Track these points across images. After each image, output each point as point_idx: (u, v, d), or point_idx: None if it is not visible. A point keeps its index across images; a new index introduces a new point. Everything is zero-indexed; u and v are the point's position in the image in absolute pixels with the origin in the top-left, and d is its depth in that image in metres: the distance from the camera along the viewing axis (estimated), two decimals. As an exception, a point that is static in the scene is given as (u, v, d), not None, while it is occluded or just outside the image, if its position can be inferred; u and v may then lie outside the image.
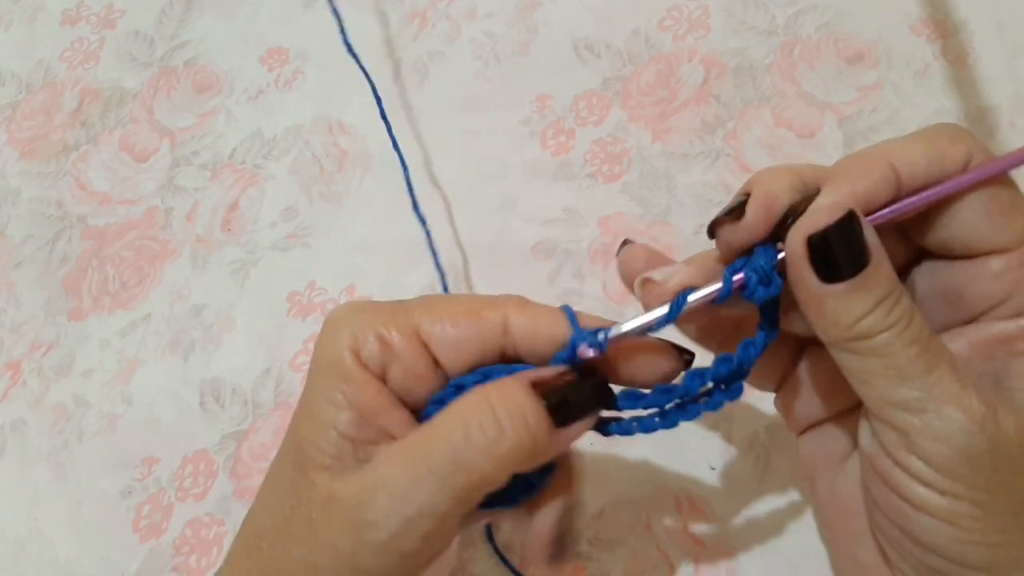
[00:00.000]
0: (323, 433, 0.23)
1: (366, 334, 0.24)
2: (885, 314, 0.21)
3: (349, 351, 0.24)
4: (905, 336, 0.21)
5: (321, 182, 0.46)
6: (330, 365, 0.24)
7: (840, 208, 0.21)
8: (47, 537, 0.40)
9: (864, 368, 0.22)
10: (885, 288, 0.21)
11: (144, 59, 0.52)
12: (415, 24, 0.49)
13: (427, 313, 0.24)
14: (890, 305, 0.21)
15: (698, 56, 0.44)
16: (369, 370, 0.24)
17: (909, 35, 0.42)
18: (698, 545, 0.34)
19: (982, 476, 0.21)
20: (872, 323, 0.21)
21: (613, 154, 0.43)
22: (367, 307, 0.25)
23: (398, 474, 0.22)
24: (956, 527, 0.21)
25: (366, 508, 0.22)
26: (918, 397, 0.21)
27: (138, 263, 0.46)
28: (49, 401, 0.43)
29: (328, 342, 0.24)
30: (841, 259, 0.21)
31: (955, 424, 0.21)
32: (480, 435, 0.22)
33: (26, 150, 0.50)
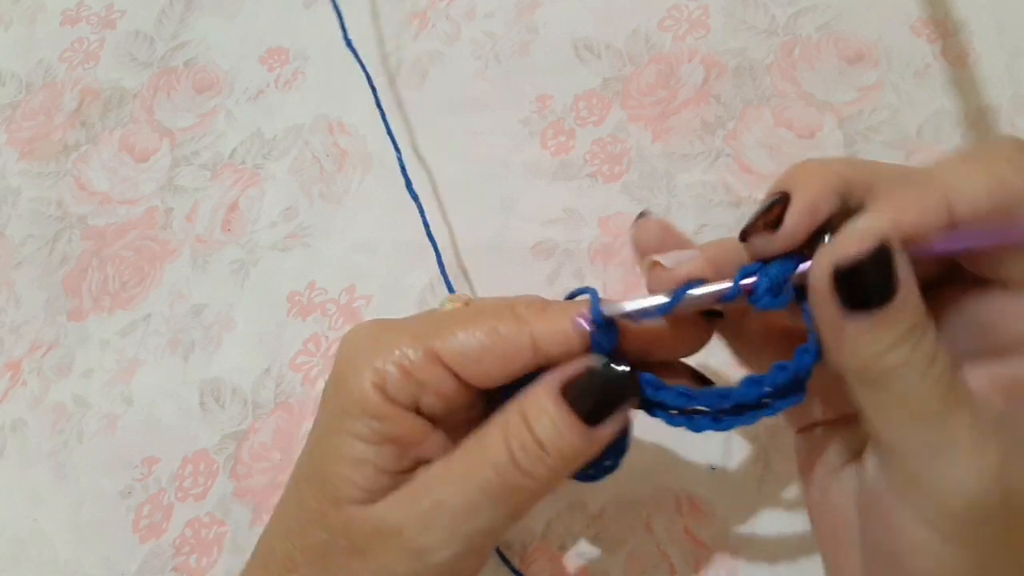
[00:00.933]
0: (359, 469, 0.23)
1: (388, 367, 0.23)
2: (908, 351, 0.20)
3: (374, 387, 0.23)
4: (927, 376, 0.20)
5: (321, 182, 0.46)
6: (357, 403, 0.23)
7: (873, 239, 0.20)
8: (47, 537, 0.40)
9: (880, 402, 0.20)
10: (910, 323, 0.20)
11: (144, 59, 0.52)
12: (415, 24, 0.49)
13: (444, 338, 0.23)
14: (914, 341, 0.20)
15: (698, 56, 0.44)
16: (399, 403, 0.23)
17: (909, 35, 0.42)
18: (698, 545, 0.34)
19: (991, 531, 0.20)
20: (893, 359, 0.20)
21: (613, 154, 0.43)
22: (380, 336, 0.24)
23: (453, 499, 0.22)
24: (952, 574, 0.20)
25: (426, 533, 0.22)
26: (933, 441, 0.20)
27: (138, 263, 0.46)
28: (49, 401, 0.43)
29: (350, 378, 0.23)
30: (867, 289, 0.20)
31: (970, 475, 0.19)
32: (523, 456, 0.22)
33: (26, 150, 0.50)
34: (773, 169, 0.41)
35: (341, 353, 0.24)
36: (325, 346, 0.41)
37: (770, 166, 0.41)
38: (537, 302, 0.25)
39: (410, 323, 0.25)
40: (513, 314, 0.24)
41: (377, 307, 0.42)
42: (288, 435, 0.40)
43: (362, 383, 0.23)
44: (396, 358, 0.23)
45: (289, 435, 0.40)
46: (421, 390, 0.23)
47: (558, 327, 0.23)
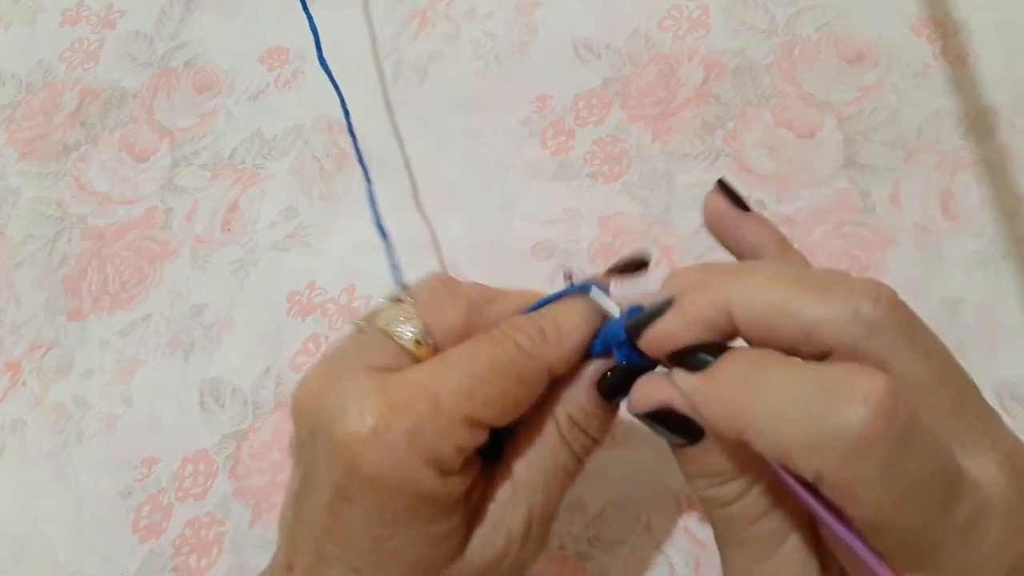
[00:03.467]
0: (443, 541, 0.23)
1: (440, 452, 0.21)
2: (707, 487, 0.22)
3: (435, 475, 0.21)
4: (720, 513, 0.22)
5: (321, 182, 0.46)
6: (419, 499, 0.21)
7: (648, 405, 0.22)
8: (47, 537, 0.40)
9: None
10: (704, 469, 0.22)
11: (144, 59, 0.52)
12: (415, 24, 0.49)
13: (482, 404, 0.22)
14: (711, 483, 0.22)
15: (698, 56, 0.44)
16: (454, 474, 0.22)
17: (909, 35, 0.42)
18: (698, 545, 0.34)
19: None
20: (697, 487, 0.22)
21: (613, 154, 0.43)
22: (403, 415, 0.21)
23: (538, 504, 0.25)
24: None
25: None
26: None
27: (138, 263, 0.46)
28: (49, 401, 0.43)
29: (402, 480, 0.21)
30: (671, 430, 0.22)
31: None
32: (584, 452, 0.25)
33: (26, 150, 0.50)
34: (773, 169, 0.41)
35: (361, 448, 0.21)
36: (325, 346, 0.41)
37: (770, 166, 0.41)
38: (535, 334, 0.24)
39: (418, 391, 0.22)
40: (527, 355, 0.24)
41: (377, 307, 0.42)
42: (288, 435, 0.40)
43: (423, 479, 0.21)
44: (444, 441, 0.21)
45: (289, 435, 0.40)
46: (469, 451, 0.23)
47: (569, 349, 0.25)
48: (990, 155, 0.39)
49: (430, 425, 0.21)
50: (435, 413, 0.21)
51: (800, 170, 0.41)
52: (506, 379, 0.23)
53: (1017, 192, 0.38)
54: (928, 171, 0.39)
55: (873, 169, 0.40)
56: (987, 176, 0.39)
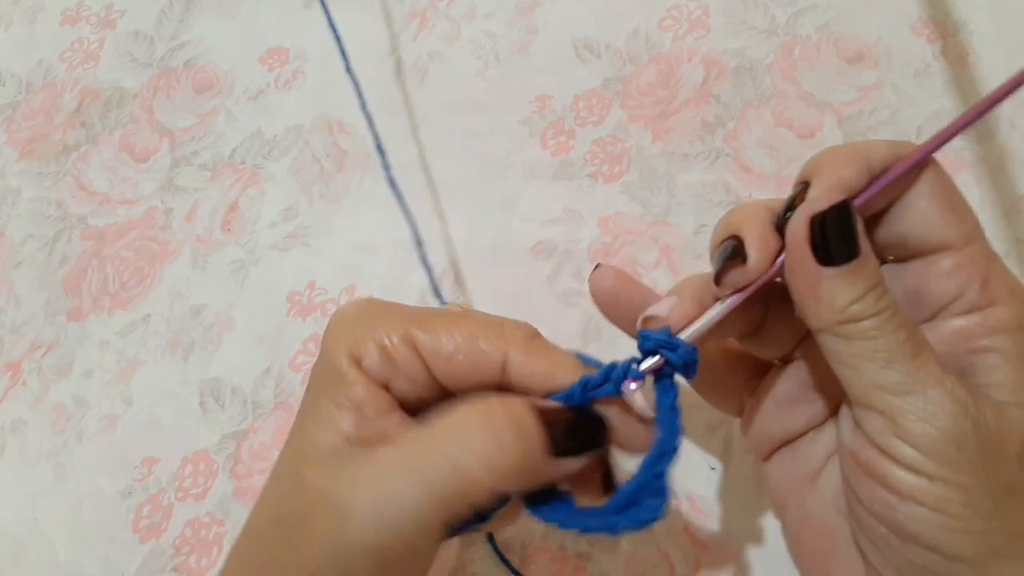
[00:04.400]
0: (323, 432, 0.24)
1: (367, 343, 0.24)
2: (876, 299, 0.22)
3: (348, 357, 0.24)
4: (893, 322, 0.22)
5: (321, 182, 0.46)
6: (331, 370, 0.24)
7: (838, 194, 0.22)
8: (47, 537, 0.40)
9: (852, 352, 0.22)
10: (875, 276, 0.22)
11: (144, 59, 0.52)
12: (415, 24, 0.49)
13: (426, 330, 0.24)
14: (880, 292, 0.22)
15: (698, 56, 0.44)
16: (371, 376, 0.24)
17: (909, 35, 0.42)
18: (698, 545, 0.34)
19: (967, 458, 0.21)
20: (863, 307, 0.22)
21: (613, 154, 0.43)
22: (369, 313, 0.25)
23: (388, 475, 0.22)
24: (943, 514, 0.21)
25: (351, 507, 0.22)
26: (904, 380, 0.22)
27: (138, 263, 0.46)
28: (49, 401, 0.43)
29: (330, 348, 0.24)
30: (837, 245, 0.22)
31: (941, 405, 0.21)
32: (480, 446, 0.22)
33: (26, 150, 0.50)
34: (773, 169, 0.41)
35: (330, 325, 0.25)
36: (325, 346, 0.41)
37: (770, 166, 0.41)
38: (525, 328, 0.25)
39: (401, 308, 0.26)
40: (498, 332, 0.24)
41: (377, 307, 0.42)
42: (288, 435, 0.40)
43: (340, 353, 0.24)
44: (377, 336, 0.24)
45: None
46: (394, 371, 0.24)
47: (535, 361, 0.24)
48: (990, 155, 0.39)
49: (378, 320, 0.25)
50: (387, 314, 0.25)
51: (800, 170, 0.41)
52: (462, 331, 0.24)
53: (1017, 192, 0.38)
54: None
55: (873, 169, 0.40)
56: (987, 176, 0.39)
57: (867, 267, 0.22)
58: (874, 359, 0.22)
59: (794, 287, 0.23)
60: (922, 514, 0.21)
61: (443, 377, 0.24)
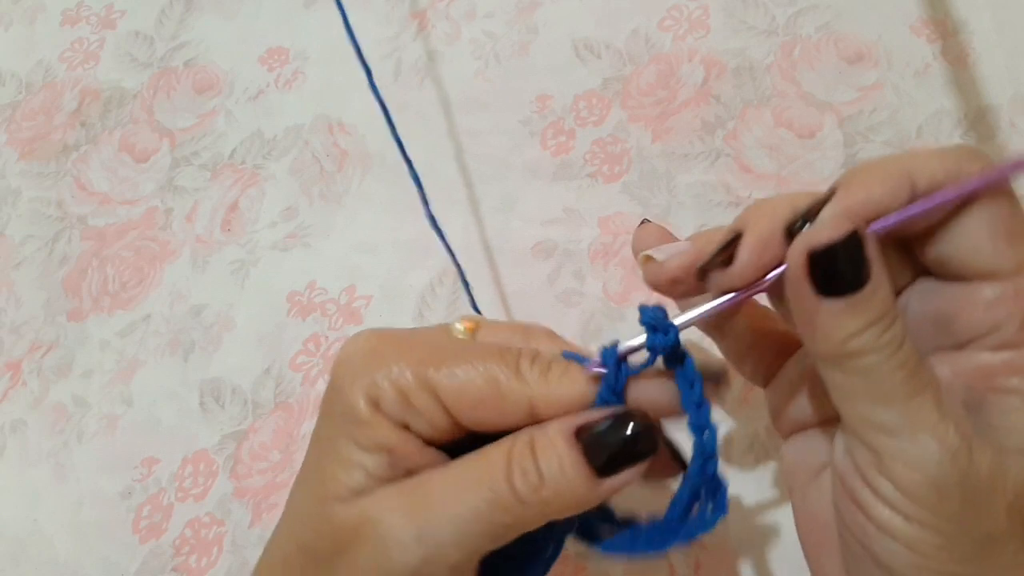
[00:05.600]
0: (349, 471, 0.23)
1: (385, 387, 0.23)
2: (877, 336, 0.21)
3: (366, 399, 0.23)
4: (893, 360, 0.21)
5: (321, 182, 0.46)
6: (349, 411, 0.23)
7: (845, 225, 0.21)
8: (47, 537, 0.40)
9: (848, 385, 0.21)
10: (880, 310, 0.21)
11: (144, 59, 0.52)
12: (415, 24, 0.49)
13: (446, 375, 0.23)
14: (883, 327, 0.21)
15: (698, 56, 0.44)
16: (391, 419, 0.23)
17: (909, 35, 0.42)
18: (698, 545, 0.34)
19: (949, 507, 0.20)
20: (862, 343, 0.21)
21: (613, 154, 0.43)
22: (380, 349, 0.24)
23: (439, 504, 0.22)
24: (916, 553, 0.21)
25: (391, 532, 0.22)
26: (896, 421, 0.21)
27: (138, 263, 0.46)
28: (49, 401, 0.43)
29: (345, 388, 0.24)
30: (840, 275, 0.21)
31: (928, 452, 0.20)
32: (521, 481, 0.22)
33: (26, 150, 0.50)
34: (773, 169, 0.41)
35: (340, 360, 0.24)
36: (325, 346, 0.41)
37: (770, 166, 0.41)
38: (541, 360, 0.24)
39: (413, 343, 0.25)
40: (516, 371, 0.24)
41: (377, 307, 0.42)
42: (288, 435, 0.40)
43: (356, 394, 0.23)
44: (393, 377, 0.23)
45: (289, 435, 0.40)
46: (413, 414, 0.23)
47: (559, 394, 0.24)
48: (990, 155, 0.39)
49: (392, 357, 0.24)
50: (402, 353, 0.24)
51: (800, 170, 0.41)
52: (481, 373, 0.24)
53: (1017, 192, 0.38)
54: (928, 171, 0.39)
55: (873, 169, 0.40)
56: (987, 176, 0.39)
57: (873, 299, 0.21)
58: (868, 395, 0.21)
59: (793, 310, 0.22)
60: (896, 549, 0.21)
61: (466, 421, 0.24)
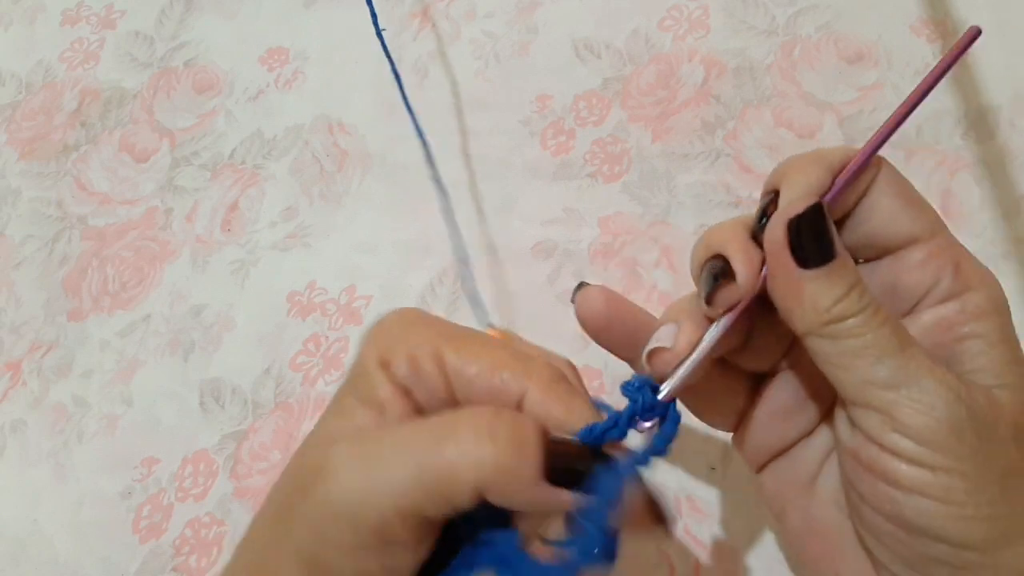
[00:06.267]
0: (338, 422, 0.24)
1: (398, 350, 0.24)
2: (858, 297, 0.22)
3: (378, 360, 0.24)
4: (877, 317, 0.22)
5: (321, 182, 0.46)
6: (360, 369, 0.25)
7: (811, 197, 0.23)
8: (47, 537, 0.40)
9: (841, 351, 0.22)
10: (855, 275, 0.23)
11: (144, 59, 0.52)
12: (415, 24, 0.49)
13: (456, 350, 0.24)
14: (861, 290, 0.22)
15: (698, 56, 0.44)
16: (396, 382, 0.24)
17: (909, 35, 0.42)
18: (698, 545, 0.34)
19: (966, 445, 0.21)
20: (847, 306, 0.22)
21: (613, 154, 0.43)
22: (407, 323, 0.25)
23: (379, 451, 0.22)
24: (949, 504, 0.21)
25: (338, 474, 0.22)
26: (896, 374, 0.22)
27: (138, 263, 0.46)
28: (49, 401, 0.43)
29: (363, 352, 0.25)
30: (814, 247, 0.22)
31: (935, 394, 0.21)
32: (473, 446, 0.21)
33: (26, 150, 0.50)
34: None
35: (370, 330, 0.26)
36: (325, 346, 0.41)
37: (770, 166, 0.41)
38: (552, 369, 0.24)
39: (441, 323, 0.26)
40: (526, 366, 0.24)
41: (377, 307, 0.42)
42: (288, 435, 0.40)
43: (371, 355, 0.24)
44: (409, 345, 0.24)
45: (289, 435, 0.40)
46: (418, 381, 0.24)
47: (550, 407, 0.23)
48: (990, 155, 0.39)
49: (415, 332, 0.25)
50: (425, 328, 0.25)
51: (800, 170, 0.41)
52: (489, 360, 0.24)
53: (1017, 192, 0.38)
54: (928, 171, 0.39)
55: (873, 169, 0.40)
56: (987, 176, 0.39)
57: (846, 266, 0.23)
58: (863, 356, 0.22)
59: (777, 294, 0.24)
60: (928, 506, 0.21)
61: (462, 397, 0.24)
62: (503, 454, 0.21)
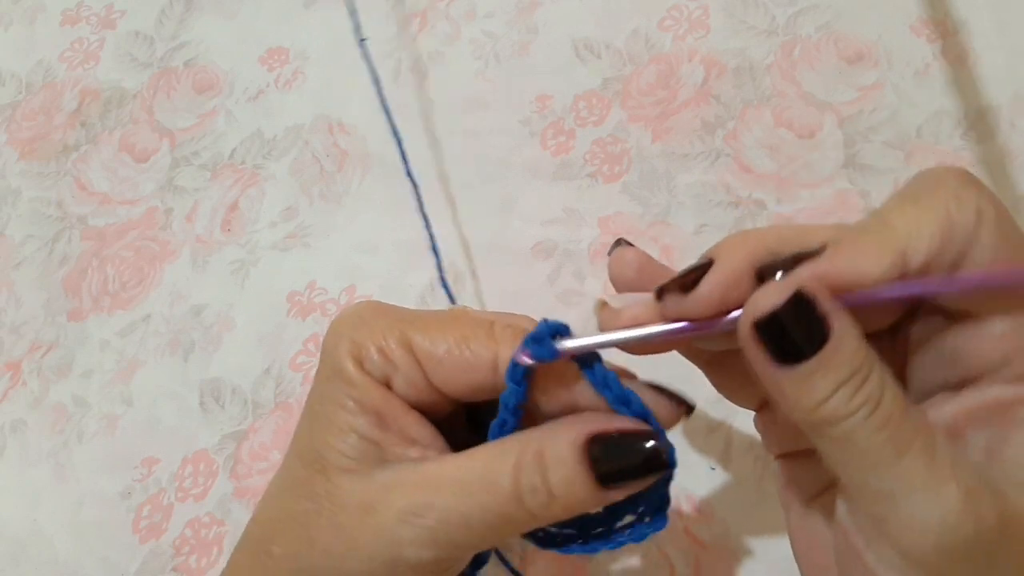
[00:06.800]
0: (343, 437, 0.23)
1: (367, 345, 0.24)
2: (848, 397, 0.19)
3: (351, 359, 0.24)
4: (871, 422, 0.19)
5: (321, 182, 0.46)
6: (335, 373, 0.24)
7: (788, 290, 0.19)
8: (47, 537, 0.40)
9: (831, 450, 0.20)
10: (848, 369, 0.19)
11: (144, 59, 0.52)
12: (415, 24, 0.49)
13: (420, 331, 0.24)
14: (854, 387, 0.19)
15: (698, 56, 0.44)
16: (374, 378, 0.24)
17: (909, 35, 0.42)
18: (698, 545, 0.34)
19: (956, 568, 0.19)
20: (835, 407, 0.19)
21: (613, 154, 0.43)
22: (367, 316, 0.25)
23: (447, 508, 0.22)
24: None
25: (409, 529, 0.22)
26: (889, 486, 0.19)
27: (138, 263, 0.46)
28: (49, 401, 0.43)
29: (331, 351, 0.25)
30: (796, 339, 0.19)
31: (930, 513, 0.19)
32: (531, 498, 0.22)
33: (26, 150, 0.50)
34: (773, 169, 0.41)
35: (332, 327, 0.25)
36: (325, 346, 0.41)
37: (770, 166, 0.41)
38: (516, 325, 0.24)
39: (398, 310, 0.26)
40: (488, 331, 0.24)
41: (377, 307, 0.42)
42: (288, 435, 0.40)
43: (342, 355, 0.24)
44: (374, 336, 0.24)
45: (289, 435, 0.40)
46: (394, 371, 0.24)
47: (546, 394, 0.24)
48: (990, 155, 0.39)
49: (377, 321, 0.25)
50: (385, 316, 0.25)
51: (800, 170, 0.41)
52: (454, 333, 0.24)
53: (1017, 192, 0.38)
54: (928, 171, 0.39)
55: (873, 169, 0.40)
56: (987, 176, 0.39)
57: (837, 358, 0.19)
58: (852, 461, 0.20)
59: (759, 378, 0.21)
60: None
61: (437, 380, 0.24)
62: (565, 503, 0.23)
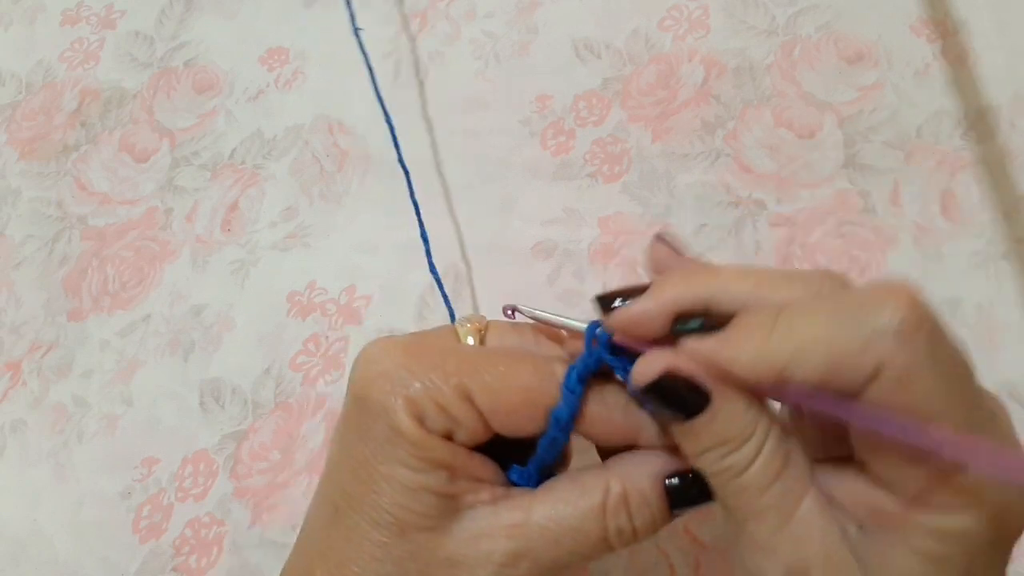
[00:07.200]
0: (416, 497, 0.23)
1: (425, 403, 0.23)
2: (715, 461, 0.22)
3: (411, 418, 0.23)
4: (731, 486, 0.22)
5: (321, 182, 0.46)
6: (395, 433, 0.23)
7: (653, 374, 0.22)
8: (47, 537, 0.40)
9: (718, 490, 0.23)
10: (717, 438, 0.21)
11: (144, 59, 0.52)
12: (415, 24, 0.49)
13: (478, 382, 0.23)
14: (721, 454, 0.22)
15: (698, 56, 0.44)
16: (436, 433, 0.23)
17: (909, 35, 0.42)
18: (698, 545, 0.34)
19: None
20: (705, 464, 0.22)
21: (613, 154, 0.43)
22: (410, 365, 0.24)
23: (541, 552, 0.23)
24: None
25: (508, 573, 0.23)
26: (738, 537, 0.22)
27: (138, 263, 0.46)
28: (49, 401, 0.43)
29: (384, 406, 0.23)
30: (677, 401, 0.22)
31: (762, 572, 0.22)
32: (617, 539, 0.23)
33: (26, 150, 0.50)
34: (773, 169, 0.41)
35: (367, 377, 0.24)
36: (325, 346, 0.41)
37: (770, 166, 0.41)
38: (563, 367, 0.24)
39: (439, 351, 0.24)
40: (545, 374, 0.24)
41: (377, 307, 0.42)
42: (288, 435, 0.40)
43: (399, 414, 0.23)
44: (429, 391, 0.23)
45: (289, 435, 0.40)
46: (456, 426, 0.23)
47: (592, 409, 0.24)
48: (990, 155, 0.39)
49: (422, 371, 0.23)
50: (430, 366, 0.23)
51: (800, 170, 0.41)
52: (517, 379, 0.24)
53: (1017, 192, 0.38)
54: (928, 171, 0.39)
55: (873, 169, 0.40)
56: (987, 176, 0.39)
57: (710, 427, 0.21)
58: (721, 500, 0.23)
59: None
60: None
61: (497, 426, 0.24)
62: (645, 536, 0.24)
